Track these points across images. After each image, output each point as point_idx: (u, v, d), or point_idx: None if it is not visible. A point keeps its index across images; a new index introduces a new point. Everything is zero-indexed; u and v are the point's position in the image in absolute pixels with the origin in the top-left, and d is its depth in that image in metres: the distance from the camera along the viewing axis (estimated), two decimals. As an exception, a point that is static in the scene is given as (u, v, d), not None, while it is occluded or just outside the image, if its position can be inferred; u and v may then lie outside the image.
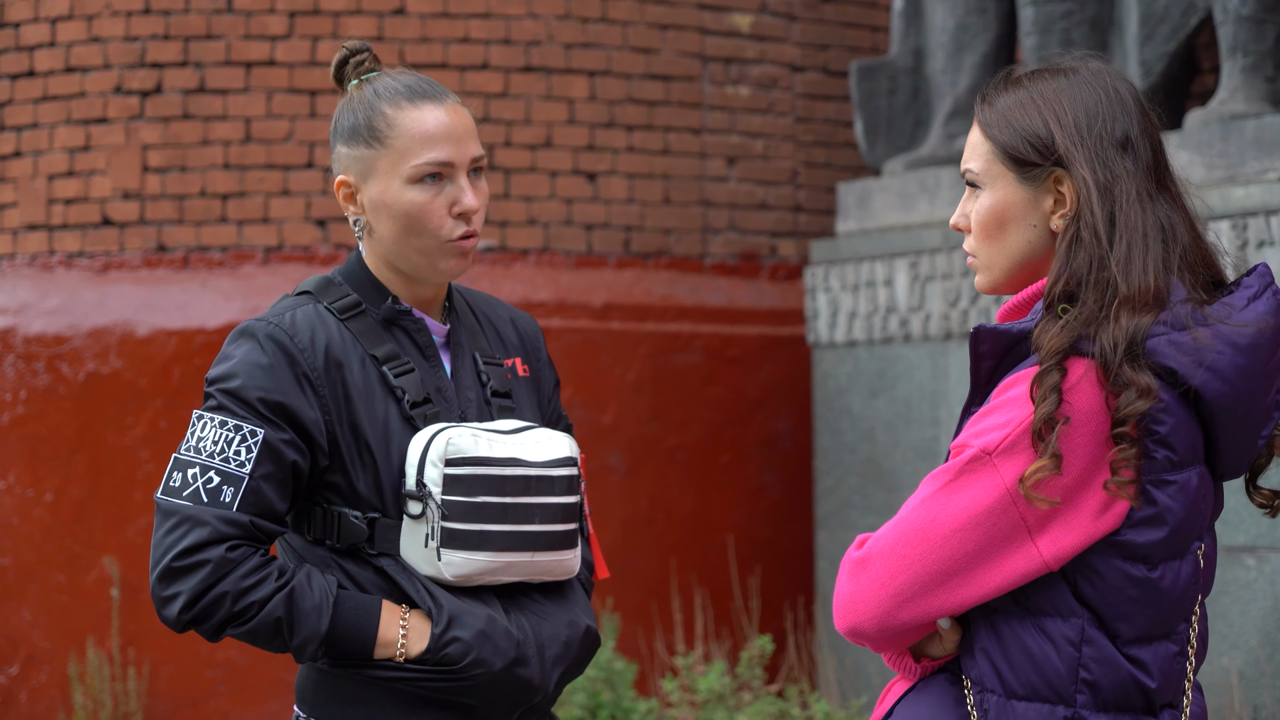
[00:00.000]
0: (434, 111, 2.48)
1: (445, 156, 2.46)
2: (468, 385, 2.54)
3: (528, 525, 2.43)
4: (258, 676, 5.88)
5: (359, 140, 2.49)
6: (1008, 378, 2.10)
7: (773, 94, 6.67)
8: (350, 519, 2.43)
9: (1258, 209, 4.50)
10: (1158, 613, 2.07)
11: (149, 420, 5.96)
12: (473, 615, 2.40)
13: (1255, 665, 4.42)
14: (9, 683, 5.99)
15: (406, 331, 2.52)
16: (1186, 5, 5.24)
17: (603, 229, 6.38)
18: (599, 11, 6.39)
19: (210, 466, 2.37)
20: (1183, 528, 2.07)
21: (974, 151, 2.20)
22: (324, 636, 2.37)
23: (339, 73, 2.57)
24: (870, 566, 2.09)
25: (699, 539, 6.21)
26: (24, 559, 5.99)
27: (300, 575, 2.39)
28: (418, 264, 2.49)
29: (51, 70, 6.32)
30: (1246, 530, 4.45)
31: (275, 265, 6.17)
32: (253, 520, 2.36)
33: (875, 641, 2.13)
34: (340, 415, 2.43)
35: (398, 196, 2.46)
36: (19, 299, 6.16)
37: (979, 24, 5.91)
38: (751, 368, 6.40)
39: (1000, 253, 2.17)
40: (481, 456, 2.40)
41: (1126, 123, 2.12)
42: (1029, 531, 2.04)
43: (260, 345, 2.42)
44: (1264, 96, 4.95)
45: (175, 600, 2.35)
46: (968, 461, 2.06)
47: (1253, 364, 2.05)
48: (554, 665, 2.47)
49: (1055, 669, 2.06)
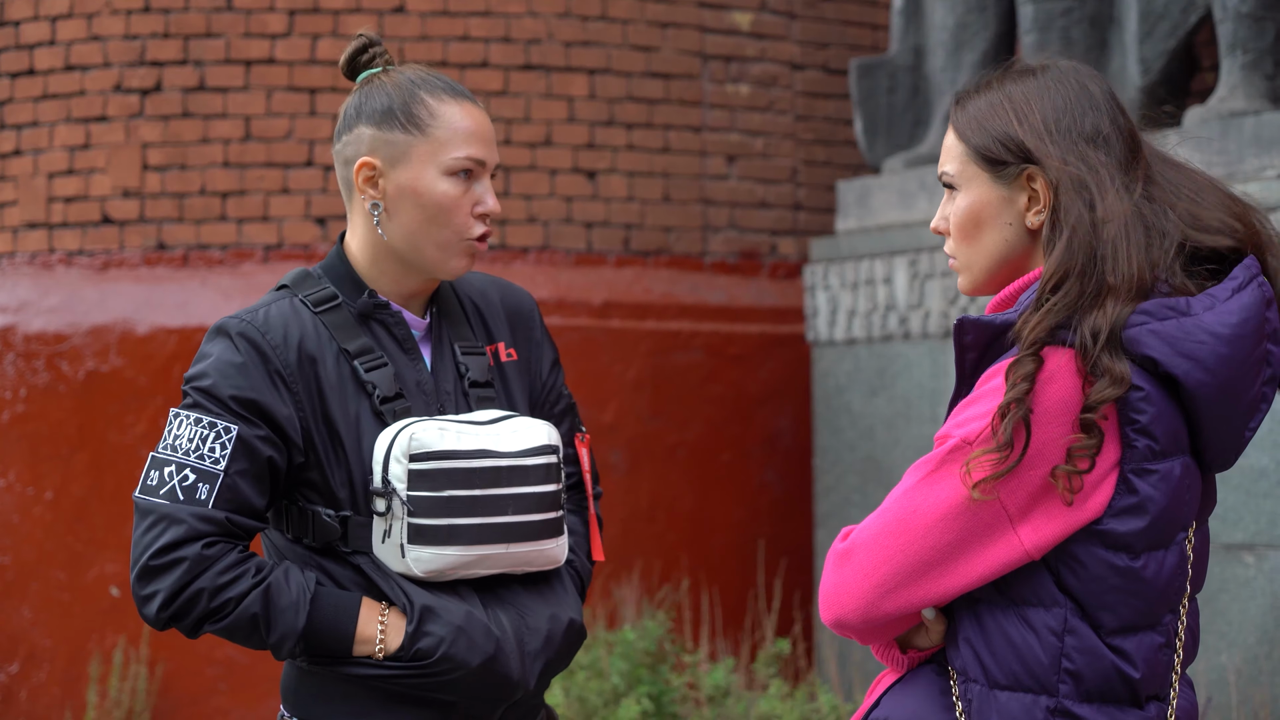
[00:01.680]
0: (472, 110, 2.50)
1: (481, 155, 2.48)
2: (446, 377, 2.52)
3: (500, 517, 2.41)
4: (258, 674, 5.88)
5: (394, 124, 2.48)
6: (990, 368, 2.12)
7: (773, 92, 6.67)
8: (323, 517, 2.43)
9: (1257, 206, 4.49)
10: (1141, 603, 2.07)
11: (149, 418, 5.96)
12: (449, 611, 2.39)
13: (1254, 663, 4.42)
14: (9, 681, 5.99)
15: (384, 325, 2.51)
16: (1186, 3, 5.24)
17: (602, 227, 6.38)
18: (599, 9, 6.39)
19: (186, 464, 2.37)
20: (1165, 517, 2.07)
21: (949, 154, 2.22)
22: (301, 633, 2.37)
23: (352, 63, 2.57)
24: (854, 558, 2.11)
25: (700, 537, 6.21)
26: (24, 557, 5.99)
27: (278, 572, 2.39)
28: (431, 257, 2.49)
29: (51, 68, 6.32)
30: (1245, 528, 4.45)
31: (275, 263, 6.17)
32: (229, 517, 2.37)
33: (860, 633, 2.14)
34: (314, 411, 2.43)
35: (431, 185, 2.46)
36: (19, 297, 6.16)
37: (978, 22, 5.92)
38: (751, 366, 6.40)
39: (978, 252, 2.19)
40: (447, 450, 2.39)
41: (1096, 118, 2.15)
42: (1010, 521, 2.05)
43: (233, 343, 2.42)
44: (1263, 94, 4.94)
45: (154, 599, 2.35)
46: (949, 452, 2.07)
47: (1235, 354, 2.05)
48: (534, 660, 2.46)
49: (1037, 659, 2.07)
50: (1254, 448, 4.42)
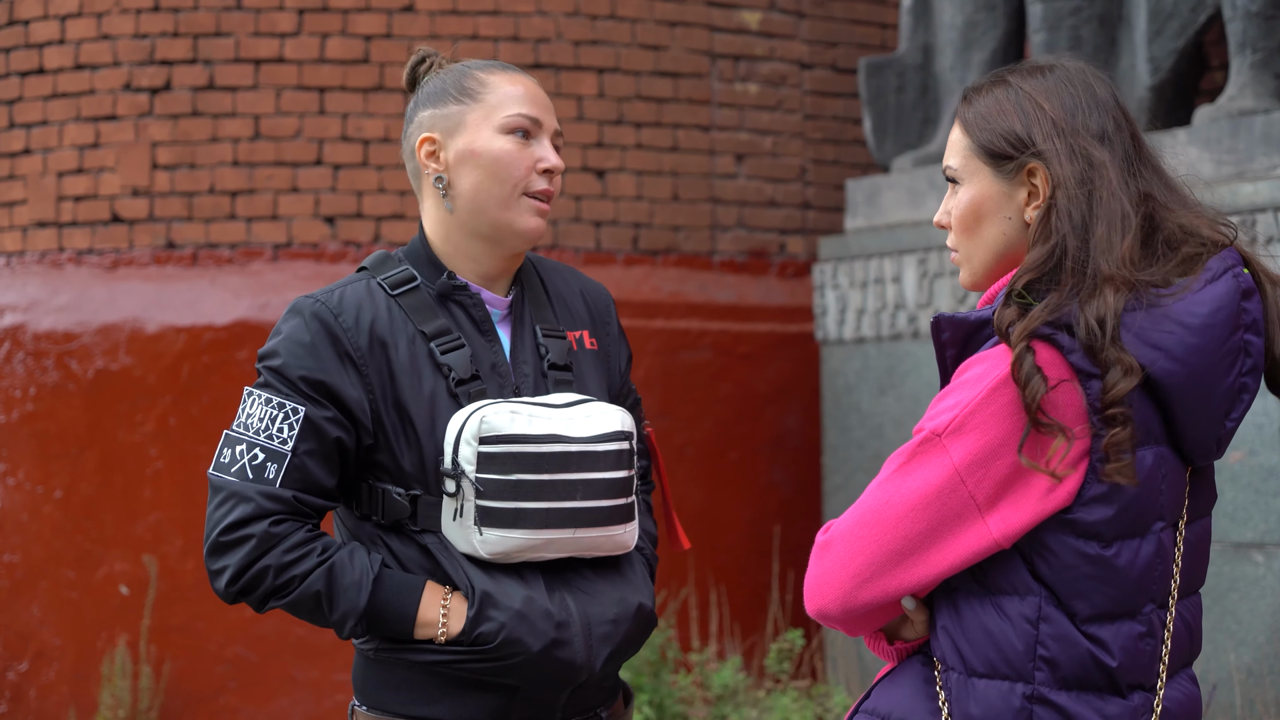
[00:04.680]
0: (523, 78, 2.56)
1: (535, 114, 2.53)
2: (525, 359, 2.54)
3: (569, 502, 2.43)
4: (267, 673, 5.89)
5: (447, 99, 2.54)
6: (965, 362, 2.15)
7: (781, 91, 6.66)
8: (394, 496, 2.46)
9: (1266, 205, 4.49)
10: (1116, 591, 2.09)
11: (158, 417, 5.97)
12: (509, 596, 2.41)
13: (1263, 661, 4.42)
14: (18, 679, 6.00)
15: (462, 306, 2.53)
16: (1195, 1, 5.23)
17: (611, 226, 6.38)
18: (608, 9, 6.39)
19: (255, 443, 2.42)
20: (1136, 506, 2.09)
21: (953, 149, 2.25)
22: (363, 612, 2.41)
23: (413, 74, 2.63)
24: (832, 549, 2.15)
25: (709, 535, 6.21)
26: (34, 556, 6.00)
27: (343, 552, 2.43)
28: (496, 218, 2.51)
29: (61, 67, 6.33)
30: (1255, 527, 4.45)
31: (284, 262, 6.17)
32: (296, 495, 2.41)
33: (843, 623, 2.18)
34: (385, 394, 2.45)
35: (489, 144, 2.51)
36: (29, 296, 6.17)
37: (988, 20, 5.91)
38: (760, 365, 6.40)
39: (978, 246, 2.23)
40: (517, 434, 2.40)
41: (1102, 117, 2.18)
42: (979, 510, 2.08)
43: (305, 323, 2.46)
44: (1273, 93, 4.94)
45: (223, 574, 2.41)
46: (920, 443, 2.12)
47: (1206, 343, 2.08)
48: (601, 644, 2.47)
49: (1013, 646, 2.10)
50: (1264, 446, 4.41)
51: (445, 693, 2.45)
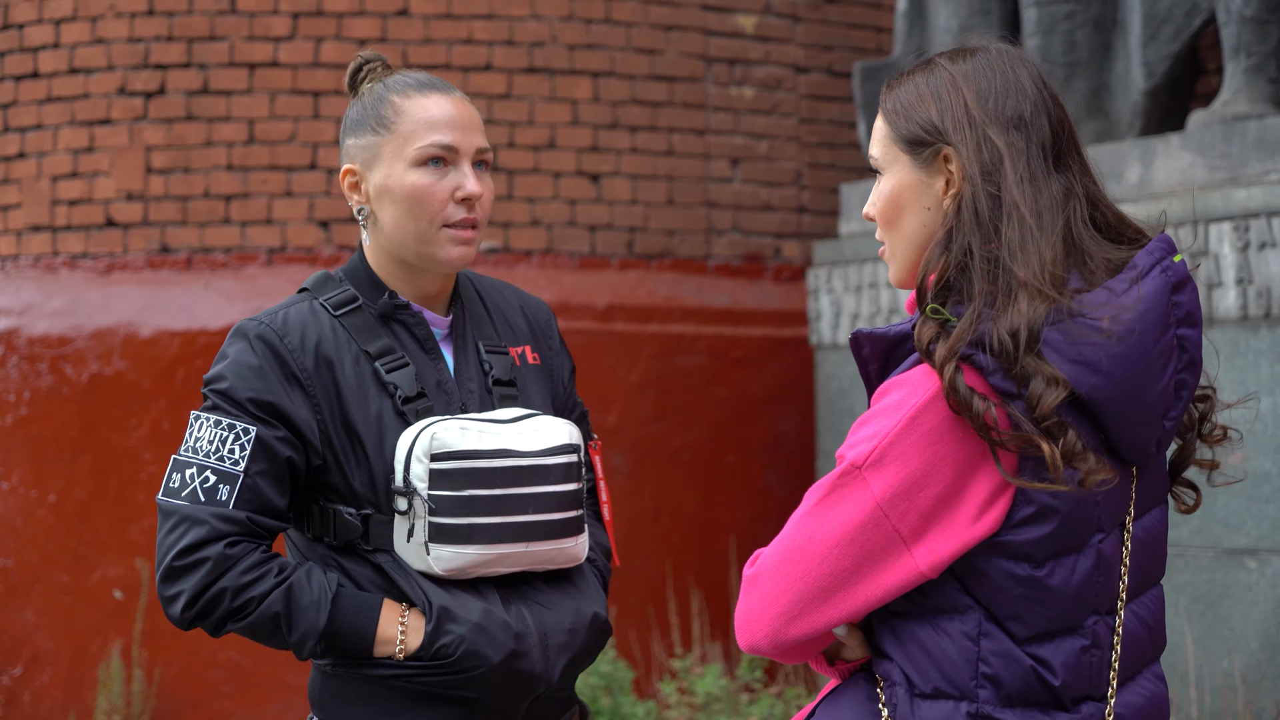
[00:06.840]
0: (440, 100, 2.51)
1: (450, 141, 2.49)
2: (469, 376, 2.54)
3: (521, 516, 2.43)
4: (261, 678, 5.88)
5: (366, 129, 2.51)
6: (884, 384, 2.06)
7: (776, 95, 6.66)
8: (345, 516, 2.45)
9: (1260, 210, 4.49)
10: (1052, 610, 2.02)
11: (152, 421, 5.96)
12: (466, 609, 2.41)
13: (1257, 668, 4.41)
14: (12, 684, 5.99)
15: (405, 325, 2.53)
16: (1190, 6, 5.23)
17: (606, 230, 6.38)
18: (603, 13, 6.39)
19: (206, 466, 2.40)
20: (1071, 522, 2.01)
21: (875, 137, 2.16)
22: (322, 632, 2.40)
23: (353, 80, 2.60)
24: (759, 585, 2.08)
25: (703, 540, 6.20)
26: (27, 560, 6.00)
27: (300, 572, 2.42)
28: (418, 251, 2.50)
29: (55, 72, 6.33)
30: (1248, 533, 4.44)
31: (278, 266, 6.17)
32: (250, 516, 2.39)
33: (776, 656, 2.11)
34: (332, 414, 2.45)
35: (401, 178, 2.48)
36: (23, 300, 6.17)
37: (982, 25, 5.91)
38: (755, 369, 6.39)
39: (901, 239, 2.13)
40: (468, 449, 2.40)
41: (1019, 102, 2.07)
42: (904, 542, 2.00)
43: (250, 345, 2.45)
44: (1267, 98, 4.94)
45: (178, 599, 2.38)
46: (839, 475, 2.04)
47: (1132, 351, 1.97)
48: (558, 654, 2.47)
49: (954, 664, 2.03)
50: (1256, 452, 4.41)
51: (404, 707, 2.44)
